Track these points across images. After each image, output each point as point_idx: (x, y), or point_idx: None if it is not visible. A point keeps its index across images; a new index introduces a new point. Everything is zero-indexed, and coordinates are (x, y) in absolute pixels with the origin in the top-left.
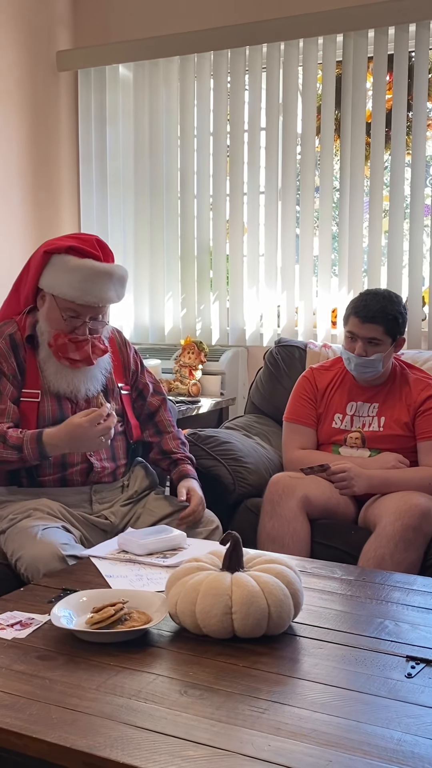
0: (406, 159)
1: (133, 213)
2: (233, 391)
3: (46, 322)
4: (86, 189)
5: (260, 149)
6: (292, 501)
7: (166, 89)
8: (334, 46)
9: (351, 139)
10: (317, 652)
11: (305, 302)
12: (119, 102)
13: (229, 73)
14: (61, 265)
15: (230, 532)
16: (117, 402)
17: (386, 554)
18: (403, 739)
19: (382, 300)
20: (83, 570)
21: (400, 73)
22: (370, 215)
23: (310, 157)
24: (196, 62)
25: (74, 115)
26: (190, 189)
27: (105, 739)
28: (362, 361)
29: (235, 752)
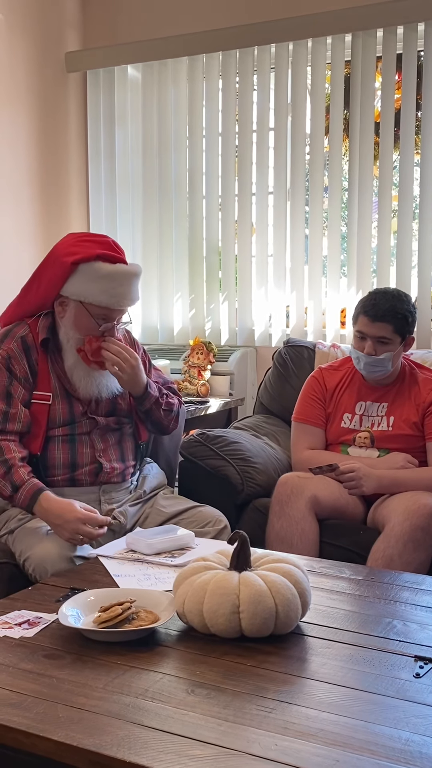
0: (416, 159)
1: (142, 213)
2: (242, 392)
3: (73, 329)
4: (95, 189)
5: (269, 149)
6: (301, 501)
7: (174, 90)
8: (343, 45)
9: (360, 139)
10: (325, 651)
11: (314, 302)
12: (128, 102)
13: (237, 73)
14: (91, 273)
15: (238, 532)
16: (125, 401)
17: (395, 554)
18: (411, 739)
19: (391, 299)
20: (91, 569)
21: (409, 72)
22: (380, 215)
23: (319, 157)
24: (205, 62)
25: (83, 116)
26: (199, 189)
27: (112, 738)
28: (372, 360)
29: (242, 752)
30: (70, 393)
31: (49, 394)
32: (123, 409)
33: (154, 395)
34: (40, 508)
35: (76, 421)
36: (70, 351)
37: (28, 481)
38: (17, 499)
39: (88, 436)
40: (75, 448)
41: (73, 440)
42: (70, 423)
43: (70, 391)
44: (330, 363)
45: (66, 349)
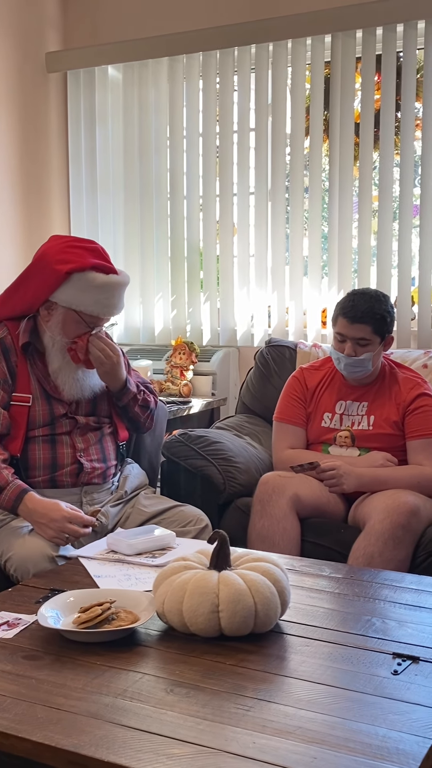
0: (395, 159)
1: (123, 214)
2: (224, 392)
3: (61, 333)
4: (76, 190)
5: (250, 150)
6: (282, 500)
7: (155, 90)
8: (323, 46)
9: (340, 140)
10: (304, 649)
11: (296, 302)
12: (108, 103)
13: (218, 73)
14: (85, 283)
15: (217, 531)
16: (105, 401)
17: (375, 552)
18: (389, 735)
19: (369, 300)
20: (71, 570)
21: (389, 73)
22: (360, 215)
23: (300, 157)
24: (185, 63)
25: (63, 117)
26: (180, 190)
27: (90, 738)
28: (352, 361)
29: (219, 750)
30: (51, 394)
31: (29, 396)
32: (103, 409)
33: (133, 391)
34: (25, 509)
35: (56, 422)
36: (56, 354)
37: (12, 482)
38: (1, 500)
39: (68, 436)
40: (55, 448)
41: (53, 440)
42: (50, 423)
43: (50, 392)
44: (311, 363)
45: (51, 353)
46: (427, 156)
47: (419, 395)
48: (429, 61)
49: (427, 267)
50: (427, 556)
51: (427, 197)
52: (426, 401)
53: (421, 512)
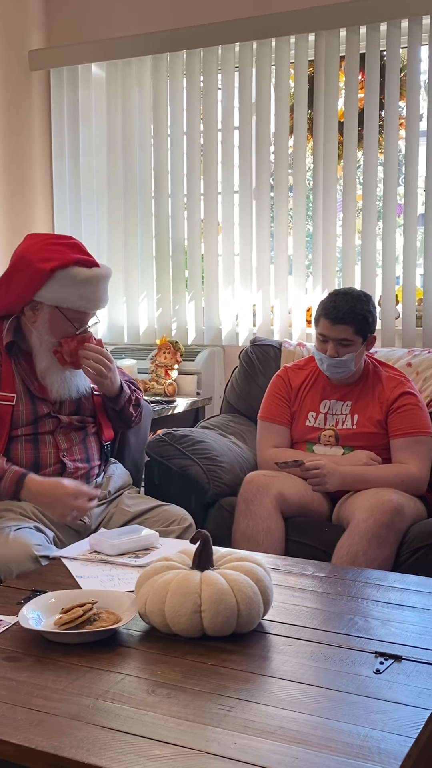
0: (379, 158)
1: (107, 212)
2: (209, 391)
3: (48, 333)
4: (59, 188)
5: (234, 148)
6: (267, 499)
7: (139, 88)
8: (307, 45)
9: (324, 139)
10: (286, 649)
11: (280, 301)
12: (92, 101)
13: (201, 72)
14: (69, 279)
15: (200, 531)
16: (89, 400)
17: (359, 551)
18: (370, 735)
19: (351, 300)
20: (54, 571)
21: (372, 72)
22: (344, 214)
23: (284, 156)
24: (169, 61)
25: (47, 115)
26: (164, 188)
27: (71, 739)
28: (334, 361)
29: (200, 751)
30: (34, 393)
31: (12, 395)
32: (87, 409)
33: (127, 392)
34: (28, 492)
35: (39, 421)
36: (44, 354)
37: (8, 469)
38: (1, 488)
39: (51, 436)
40: (38, 448)
41: (36, 440)
42: (33, 423)
43: (34, 391)
44: (295, 362)
45: (39, 352)
46: (411, 155)
47: (402, 394)
48: (412, 60)
49: (410, 266)
50: (411, 554)
51: (410, 196)
52: (409, 400)
53: (404, 511)
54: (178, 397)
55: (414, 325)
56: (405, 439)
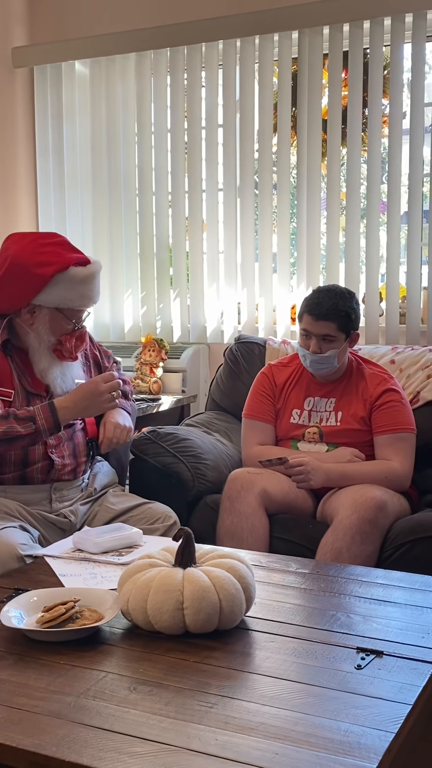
0: (363, 156)
1: (92, 210)
2: (195, 389)
3: (49, 333)
4: (44, 186)
5: (218, 146)
6: (251, 496)
7: (122, 86)
8: (290, 42)
9: (308, 136)
10: (269, 645)
11: (265, 299)
12: (76, 99)
13: (185, 69)
14: (69, 280)
15: (182, 528)
16: None
17: (343, 547)
18: (351, 730)
19: (334, 297)
20: (37, 569)
21: (356, 70)
22: (328, 212)
23: (268, 153)
24: (153, 59)
25: (30, 112)
26: (149, 186)
27: (52, 737)
28: (317, 357)
29: (182, 747)
30: (29, 390)
31: (11, 391)
32: None
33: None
34: (65, 412)
35: None
36: (43, 353)
37: (35, 408)
38: (40, 426)
39: None
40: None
41: None
42: None
43: (29, 387)
44: (279, 359)
45: (38, 352)
46: (394, 153)
47: (386, 391)
48: (395, 57)
49: (394, 264)
50: (394, 550)
51: (394, 194)
52: (392, 396)
53: (388, 507)
54: (163, 395)
55: (397, 322)
56: (388, 435)
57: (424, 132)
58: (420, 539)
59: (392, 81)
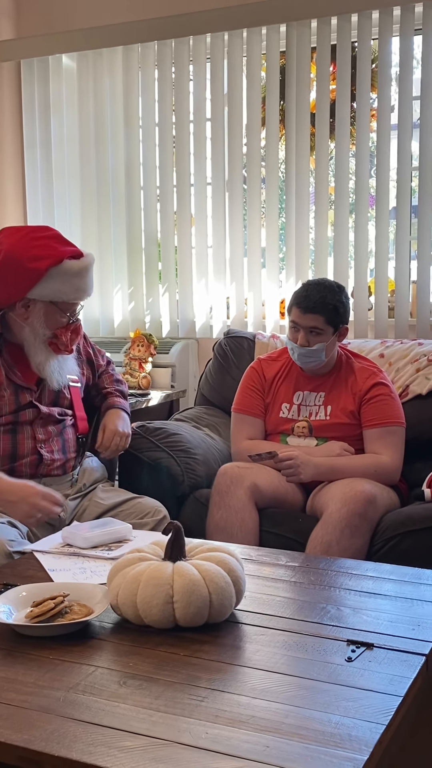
0: (351, 150)
1: (80, 204)
2: (184, 383)
3: (44, 326)
4: (31, 180)
5: (206, 140)
6: (241, 491)
7: (110, 79)
8: (278, 36)
9: (296, 130)
10: (259, 638)
11: (254, 293)
12: (63, 93)
13: (173, 63)
14: (63, 274)
15: (172, 522)
16: (66, 392)
17: (332, 541)
18: (341, 722)
19: (322, 290)
20: (25, 565)
21: (343, 63)
22: (317, 206)
23: (256, 147)
24: (140, 52)
25: (18, 106)
26: (137, 180)
27: (41, 732)
28: (305, 351)
29: (172, 741)
30: (17, 383)
31: None
32: (65, 399)
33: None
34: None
35: (19, 411)
36: (39, 347)
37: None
38: None
39: (30, 426)
40: (16, 438)
41: (14, 430)
42: (14, 412)
43: (17, 380)
44: (269, 353)
45: (33, 346)
46: (382, 146)
47: (375, 384)
48: (383, 51)
49: (383, 258)
50: (384, 543)
51: (382, 188)
52: (382, 390)
53: (377, 500)
54: (152, 390)
55: (386, 316)
56: (378, 429)
57: (413, 126)
58: (409, 532)
59: (380, 75)
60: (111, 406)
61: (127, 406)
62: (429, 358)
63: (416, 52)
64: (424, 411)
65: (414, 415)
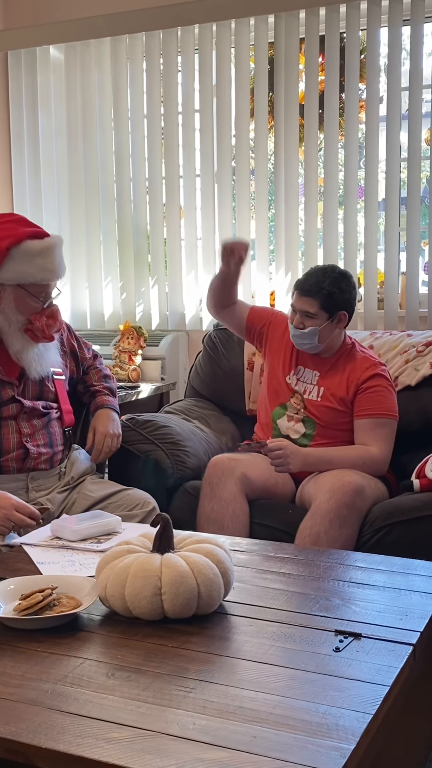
0: (340, 141)
1: (68, 197)
2: (174, 376)
3: (16, 312)
4: (18, 173)
5: (195, 131)
6: (231, 482)
7: (98, 71)
8: (266, 27)
9: (285, 121)
10: (247, 629)
11: (244, 286)
12: (51, 84)
13: (161, 54)
14: (24, 254)
15: (160, 514)
16: (51, 385)
17: (321, 531)
18: (329, 712)
19: (321, 275)
20: (14, 558)
21: (332, 54)
22: (306, 198)
23: (245, 139)
24: (128, 43)
25: (5, 98)
26: (126, 172)
27: (28, 725)
28: (299, 333)
29: (160, 732)
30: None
31: None
32: (50, 392)
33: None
34: None
35: (2, 406)
36: (15, 334)
37: None
38: None
39: (14, 421)
40: (1, 433)
41: None
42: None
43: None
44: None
45: (9, 334)
46: (371, 137)
47: (374, 375)
48: (372, 42)
49: (372, 250)
50: (372, 534)
51: (371, 180)
52: (379, 382)
53: (365, 491)
54: (142, 383)
55: (375, 308)
56: (369, 420)
57: (401, 118)
58: (398, 523)
59: (369, 66)
60: (100, 406)
61: (116, 404)
62: (418, 349)
63: (405, 42)
64: (413, 402)
65: (403, 406)
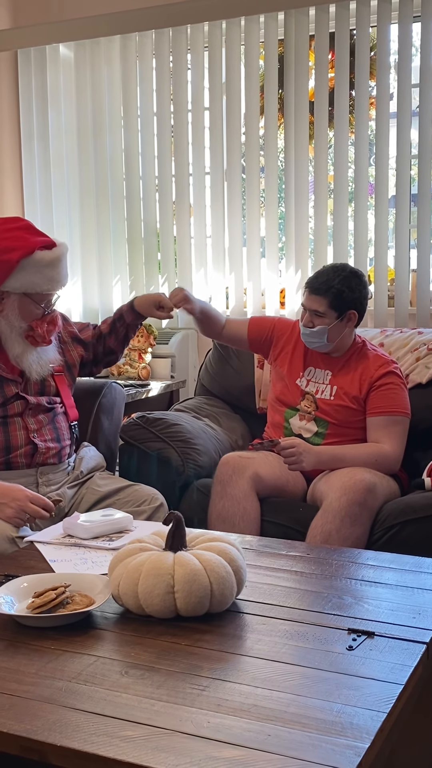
0: (350, 138)
1: (78, 195)
2: (183, 374)
3: (19, 319)
4: (29, 171)
5: (204, 129)
6: (243, 480)
7: (108, 69)
8: (276, 24)
9: (295, 119)
10: (260, 628)
11: (253, 283)
12: (60, 82)
13: (171, 52)
14: (35, 264)
15: (173, 512)
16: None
17: (332, 530)
18: (343, 710)
19: (331, 274)
20: (27, 556)
21: (342, 51)
22: (316, 195)
23: (255, 136)
24: (138, 41)
25: (15, 97)
26: (136, 170)
27: (43, 722)
28: (308, 331)
29: (174, 730)
30: (3, 376)
31: None
32: (52, 388)
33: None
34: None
35: (7, 403)
36: (16, 339)
37: None
38: None
39: (20, 417)
40: (8, 430)
41: (5, 423)
42: (2, 405)
43: (2, 373)
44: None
45: (10, 339)
46: (381, 134)
47: (387, 373)
48: (382, 38)
49: (382, 247)
50: (384, 532)
51: (381, 177)
52: (392, 380)
53: (377, 489)
54: (152, 381)
55: (386, 305)
56: (382, 417)
57: (412, 114)
58: (409, 521)
59: (379, 62)
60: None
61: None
62: (429, 346)
63: (415, 39)
64: (424, 400)
65: (414, 404)
